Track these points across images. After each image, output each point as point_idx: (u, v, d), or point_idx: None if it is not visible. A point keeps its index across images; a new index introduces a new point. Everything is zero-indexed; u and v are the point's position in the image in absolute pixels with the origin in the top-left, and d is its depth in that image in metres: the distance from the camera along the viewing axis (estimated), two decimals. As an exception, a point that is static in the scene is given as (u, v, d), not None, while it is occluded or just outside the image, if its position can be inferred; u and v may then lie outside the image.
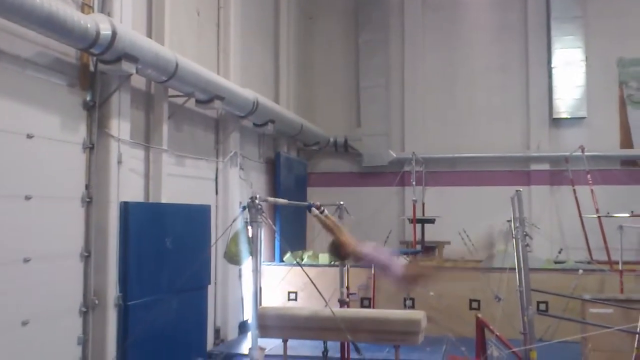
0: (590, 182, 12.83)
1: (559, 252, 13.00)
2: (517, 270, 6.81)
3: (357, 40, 15.54)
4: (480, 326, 7.73)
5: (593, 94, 14.43)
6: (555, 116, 14.61)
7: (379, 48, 15.36)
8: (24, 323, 5.96)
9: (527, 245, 6.70)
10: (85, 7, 6.79)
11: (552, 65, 14.65)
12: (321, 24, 15.99)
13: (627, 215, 11.38)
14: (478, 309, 10.05)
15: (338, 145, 15.38)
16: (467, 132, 14.91)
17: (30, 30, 5.77)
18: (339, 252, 6.33)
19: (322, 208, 7.03)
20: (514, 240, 6.85)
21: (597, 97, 14.45)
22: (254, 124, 11.42)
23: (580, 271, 10.23)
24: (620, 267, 10.05)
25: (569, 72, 14.51)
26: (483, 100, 15.03)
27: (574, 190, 13.25)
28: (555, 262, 11.79)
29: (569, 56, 14.53)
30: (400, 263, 6.33)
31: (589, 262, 11.73)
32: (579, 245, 12.91)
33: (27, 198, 6.01)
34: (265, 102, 11.03)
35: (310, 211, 6.97)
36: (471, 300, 10.43)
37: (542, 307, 9.64)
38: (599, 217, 12.19)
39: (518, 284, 6.72)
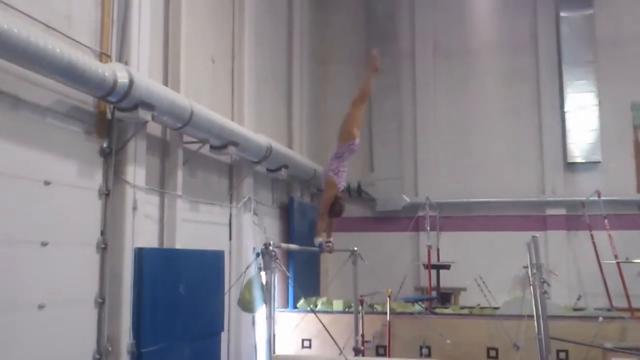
0: (608, 227, 12.70)
1: (578, 299, 12.81)
2: (535, 318, 6.70)
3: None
4: (499, 375, 7.59)
5: (607, 138, 14.41)
6: (569, 160, 14.57)
7: (390, 93, 15.45)
8: (38, 371, 5.91)
9: (545, 292, 6.61)
10: (103, 56, 6.90)
11: (565, 110, 14.68)
12: (333, 69, 16.14)
13: (646, 261, 11.23)
14: (496, 357, 9.86)
15: (351, 190, 15.36)
16: (481, 176, 14.88)
17: (50, 79, 5.86)
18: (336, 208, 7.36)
19: (329, 241, 7.30)
20: (531, 286, 6.76)
21: (612, 141, 14.42)
22: (267, 169, 11.45)
23: (601, 318, 10.01)
24: (641, 314, 9.89)
25: (582, 116, 14.53)
26: (496, 144, 15.02)
27: (592, 235, 13.10)
28: (574, 309, 11.59)
29: (581, 100, 14.57)
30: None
31: (609, 309, 11.51)
32: (598, 291, 12.69)
33: (44, 244, 6.02)
34: (278, 147, 11.09)
35: (320, 249, 7.23)
36: (489, 349, 10.23)
37: (562, 355, 9.43)
38: (617, 262, 12.02)
39: (537, 331, 6.61)
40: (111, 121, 7.04)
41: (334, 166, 7.67)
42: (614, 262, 12.09)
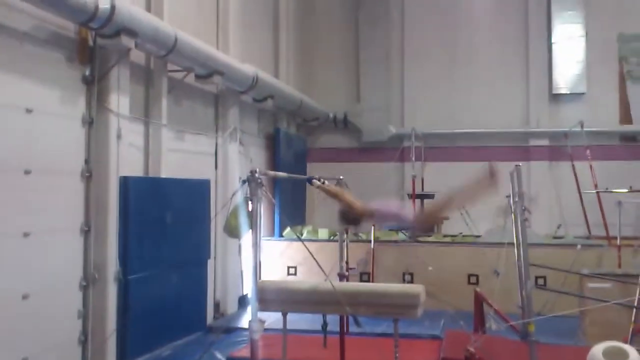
0: (590, 157, 12.81)
1: (558, 228, 13.02)
2: (515, 245, 6.84)
3: (357, 14, 15.42)
4: (479, 300, 7.79)
5: (593, 69, 14.38)
6: (554, 92, 14.58)
7: (378, 22, 15.24)
8: (24, 297, 6.00)
9: (526, 220, 6.71)
10: (83, -19, 6.73)
11: (552, 41, 14.59)
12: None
13: (626, 190, 11.40)
14: (477, 283, 10.11)
15: (337, 121, 15.34)
16: (467, 107, 14.87)
17: (28, 3, 5.74)
18: (350, 216, 6.35)
19: (323, 180, 7.07)
20: (512, 215, 6.86)
21: (597, 72, 14.39)
22: (253, 99, 11.38)
23: (579, 246, 10.27)
24: (618, 242, 10.09)
25: (569, 48, 14.45)
26: (483, 75, 14.95)
27: (573, 165, 13.22)
28: (554, 238, 11.83)
29: (569, 31, 14.46)
30: (409, 209, 6.38)
31: (587, 238, 11.77)
32: (577, 220, 12.91)
33: (27, 172, 6.02)
34: (264, 77, 10.99)
35: (311, 183, 7.03)
36: (470, 275, 10.50)
37: (541, 281, 9.71)
38: (597, 192, 12.18)
39: (517, 258, 6.75)
40: (93, 48, 6.96)
41: (387, 210, 6.51)
42: (594, 192, 12.26)
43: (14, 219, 5.88)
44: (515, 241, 6.86)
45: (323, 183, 7.00)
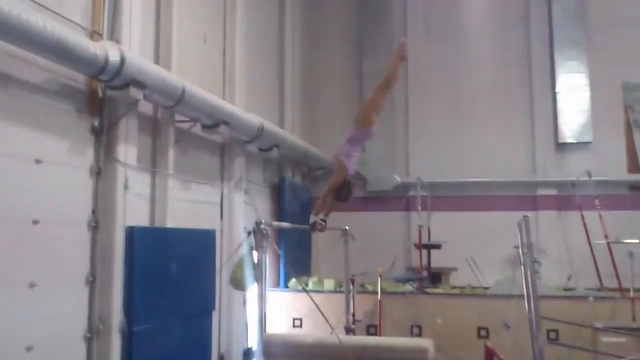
0: (599, 207, 12.74)
1: (568, 279, 12.87)
2: (525, 297, 6.74)
3: (361, 65, 15.59)
4: (489, 355, 7.65)
5: (598, 118, 14.42)
6: (560, 141, 14.60)
7: (382, 74, 15.31)
8: (28, 349, 5.90)
9: (536, 271, 6.63)
10: (94, 35, 6.84)
11: (557, 90, 14.68)
12: (326, 50, 16.04)
13: (637, 241, 11.27)
14: (487, 337, 9.94)
15: (343, 170, 15.30)
16: (472, 157, 14.88)
17: (40, 57, 5.80)
18: (342, 190, 7.34)
19: (323, 219, 7.26)
20: (522, 266, 6.78)
21: (603, 121, 14.43)
22: (259, 148, 11.42)
23: (591, 298, 10.08)
24: (631, 294, 9.91)
25: (574, 97, 14.53)
26: (488, 125, 15.00)
27: (582, 215, 13.15)
28: (565, 289, 11.67)
29: (573, 81, 14.56)
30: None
31: (599, 289, 11.58)
32: (588, 271, 12.73)
33: (35, 222, 6.00)
34: (270, 127, 11.05)
35: (312, 227, 7.18)
36: (479, 328, 10.32)
37: (553, 335, 9.51)
38: (608, 242, 12.07)
39: (527, 311, 6.64)
40: (102, 100, 7.01)
41: (346, 149, 7.54)
42: (605, 242, 12.14)
43: (21, 269, 5.84)
44: (525, 293, 6.76)
45: (324, 222, 7.21)
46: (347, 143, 7.50)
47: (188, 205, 9.09)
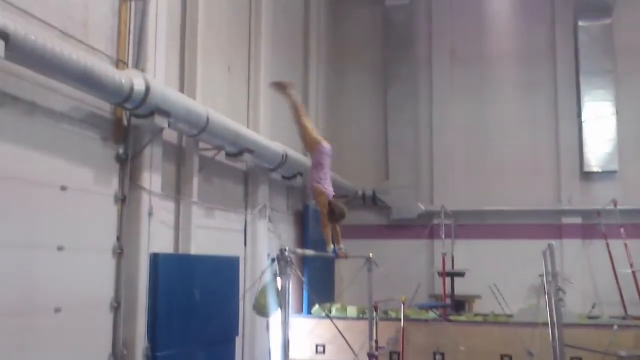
0: (624, 236, 12.62)
1: (593, 307, 12.72)
2: (550, 325, 6.68)
3: (385, 93, 15.69)
4: (513, 383, 7.57)
5: (624, 147, 14.33)
6: (586, 169, 14.51)
7: (407, 101, 15.47)
8: (54, 374, 5.97)
9: (560, 299, 6.59)
10: (119, 63, 6.98)
11: (582, 119, 14.62)
12: (350, 78, 16.18)
13: (662, 269, 11.14)
14: (510, 364, 9.85)
15: (366, 198, 15.37)
16: (497, 185, 14.84)
17: (66, 85, 5.94)
18: (336, 212, 7.50)
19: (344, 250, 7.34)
20: (546, 294, 6.74)
21: (629, 150, 14.34)
22: (282, 176, 11.49)
23: (615, 327, 9.95)
24: (656, 322, 9.81)
25: (600, 126, 14.46)
26: (512, 153, 14.98)
27: (607, 244, 13.03)
28: (589, 317, 11.52)
29: (599, 109, 14.50)
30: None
31: (624, 318, 11.45)
32: (613, 300, 12.61)
33: (60, 249, 6.09)
34: (294, 154, 11.13)
35: (336, 254, 7.26)
36: (502, 356, 10.21)
37: (576, 363, 9.41)
38: (633, 271, 11.94)
39: (551, 339, 6.59)
40: (127, 127, 7.12)
41: (315, 176, 7.72)
42: (630, 271, 12.00)
43: (45, 295, 5.92)
44: (549, 321, 6.70)
45: (342, 250, 7.32)
46: (313, 170, 7.72)
47: (212, 232, 9.16)
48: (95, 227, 6.68)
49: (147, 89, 6.59)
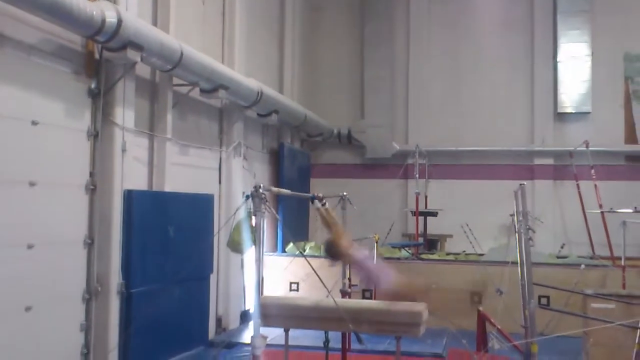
0: (594, 177, 12.81)
1: (562, 247, 12.99)
2: (519, 264, 6.80)
3: (362, 31, 15.49)
4: (482, 319, 7.75)
5: (598, 89, 14.40)
6: (560, 111, 14.59)
7: (384, 40, 15.31)
8: (27, 309, 5.99)
9: (530, 239, 6.69)
10: (91, -5, 6.78)
11: (558, 60, 14.62)
12: (326, 15, 15.93)
13: (631, 210, 11.31)
14: (479, 302, 10.07)
15: (342, 137, 15.35)
16: (471, 125, 14.89)
17: (36, 16, 5.77)
18: (333, 252, 6.32)
19: (324, 200, 7.11)
20: (516, 234, 6.83)
21: (603, 92, 14.42)
22: (258, 114, 11.40)
23: (583, 266, 10.21)
24: (622, 262, 10.03)
25: (575, 67, 14.49)
26: (488, 93, 14.98)
27: (578, 185, 13.24)
28: (558, 257, 11.78)
29: (574, 50, 14.50)
30: (390, 277, 6.26)
31: (591, 257, 11.70)
32: (581, 240, 12.89)
33: (32, 184, 6.03)
34: (269, 92, 11.02)
35: (312, 202, 7.07)
36: (473, 294, 10.45)
37: (544, 301, 9.65)
38: (602, 212, 12.16)
39: (520, 277, 6.71)
40: (99, 61, 6.99)
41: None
42: (599, 211, 12.23)
43: (18, 231, 5.89)
44: (518, 260, 6.82)
45: (324, 204, 7.04)
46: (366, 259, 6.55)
47: (186, 169, 9.12)
48: (67, 162, 6.61)
49: (120, 21, 6.45)
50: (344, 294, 8.04)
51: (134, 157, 7.50)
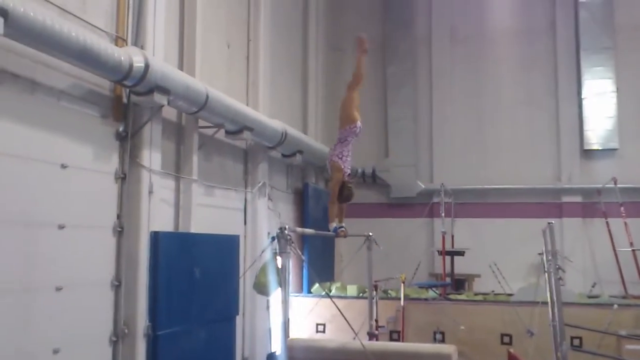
0: (624, 214, 12.63)
1: (593, 286, 12.75)
2: (550, 304, 6.69)
3: (384, 71, 15.59)
4: (513, 361, 7.59)
5: (625, 125, 14.29)
6: (586, 147, 14.48)
7: (406, 80, 15.39)
8: (55, 351, 5.97)
9: (560, 278, 6.59)
10: (119, 40, 6.92)
11: (582, 97, 14.56)
12: (349, 55, 16.02)
13: (662, 248, 11.17)
14: (510, 343, 9.86)
15: (366, 176, 15.34)
16: (497, 163, 14.81)
17: (66, 62, 5.89)
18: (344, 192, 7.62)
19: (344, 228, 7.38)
20: (546, 273, 6.74)
21: (629, 128, 14.30)
22: (282, 154, 11.47)
23: (615, 306, 9.97)
24: (656, 301, 9.83)
25: (600, 103, 14.41)
26: (512, 131, 14.93)
27: (607, 222, 13.05)
28: (589, 297, 11.55)
29: (599, 87, 14.44)
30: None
31: (623, 297, 11.47)
32: (613, 279, 12.65)
33: (60, 227, 6.08)
34: (293, 132, 11.09)
35: (335, 233, 7.27)
36: (502, 335, 10.24)
37: (576, 342, 9.40)
38: (633, 250, 11.96)
39: (551, 318, 6.60)
40: (127, 105, 7.08)
41: (338, 151, 7.77)
42: (630, 249, 12.02)
43: (47, 273, 5.91)
44: (549, 300, 6.71)
45: (343, 229, 7.36)
46: (338, 145, 7.74)
47: (212, 210, 9.15)
48: (95, 205, 6.66)
49: (147, 66, 6.55)
50: (372, 336, 7.97)
51: (160, 199, 7.55)
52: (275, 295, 9.14)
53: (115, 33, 6.95)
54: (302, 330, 10.90)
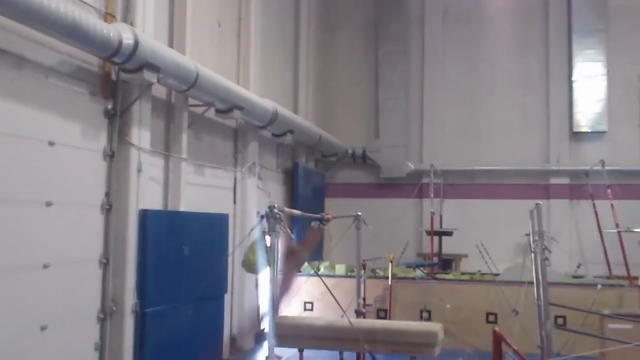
0: (611, 196, 12.73)
1: (578, 267, 12.89)
2: (535, 284, 6.75)
3: (376, 52, 15.57)
4: (498, 340, 7.65)
5: (614, 108, 14.37)
6: (575, 130, 14.56)
7: (398, 60, 15.38)
8: (43, 328, 6.01)
9: (546, 259, 6.64)
10: (108, 17, 6.88)
11: (573, 79, 14.62)
12: (341, 35, 16.04)
13: (648, 230, 11.28)
14: (495, 322, 9.97)
15: (356, 157, 15.38)
16: (486, 144, 14.88)
17: (54, 38, 5.85)
18: (291, 255, 7.65)
19: (327, 221, 7.42)
20: (532, 253, 6.79)
21: (618, 111, 14.38)
22: (272, 134, 11.46)
23: (599, 286, 10.11)
24: (639, 282, 9.94)
25: (590, 86, 14.47)
26: (503, 113, 14.98)
27: (594, 204, 13.16)
28: (574, 277, 11.67)
29: (590, 70, 14.49)
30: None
31: (608, 277, 11.61)
32: (598, 259, 12.80)
33: (48, 204, 6.08)
34: (284, 112, 11.08)
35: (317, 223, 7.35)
36: (488, 314, 10.36)
37: (560, 321, 9.54)
38: (618, 231, 12.07)
39: (536, 297, 6.66)
40: (116, 83, 7.06)
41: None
42: (615, 231, 12.14)
43: (34, 250, 5.93)
44: (534, 280, 6.77)
45: (322, 225, 7.47)
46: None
47: (201, 189, 9.16)
48: (83, 183, 6.66)
49: (136, 42, 6.51)
50: (359, 314, 8.02)
51: (149, 177, 7.54)
52: (264, 274, 9.22)
53: (104, 9, 6.90)
54: (291, 308, 10.97)
